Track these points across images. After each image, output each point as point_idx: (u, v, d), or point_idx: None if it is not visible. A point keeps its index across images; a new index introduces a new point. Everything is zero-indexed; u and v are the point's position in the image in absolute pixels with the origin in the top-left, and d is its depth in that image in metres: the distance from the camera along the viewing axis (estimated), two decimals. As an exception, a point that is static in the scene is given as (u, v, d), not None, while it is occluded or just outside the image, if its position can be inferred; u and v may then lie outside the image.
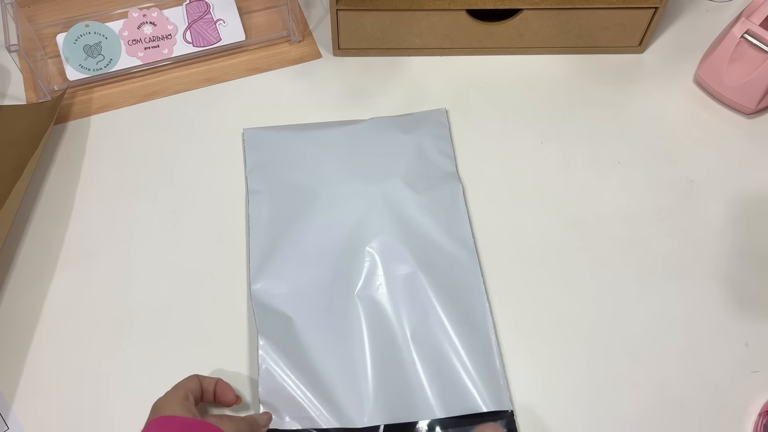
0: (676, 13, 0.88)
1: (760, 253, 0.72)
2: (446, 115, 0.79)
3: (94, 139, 0.78)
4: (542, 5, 0.78)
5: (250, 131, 0.77)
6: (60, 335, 0.67)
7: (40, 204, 0.74)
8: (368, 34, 0.81)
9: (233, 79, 0.83)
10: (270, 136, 0.77)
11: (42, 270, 0.70)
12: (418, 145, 0.76)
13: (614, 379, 0.65)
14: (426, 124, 0.78)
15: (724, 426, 0.63)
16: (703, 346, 0.67)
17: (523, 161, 0.77)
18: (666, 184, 0.76)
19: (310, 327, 0.65)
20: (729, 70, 0.78)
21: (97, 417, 0.63)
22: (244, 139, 0.77)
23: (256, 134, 0.77)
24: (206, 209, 0.74)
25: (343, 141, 0.76)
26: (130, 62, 0.82)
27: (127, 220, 0.73)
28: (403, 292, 0.67)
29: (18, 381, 0.65)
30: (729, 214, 0.74)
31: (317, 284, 0.67)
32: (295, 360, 0.63)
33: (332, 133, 0.76)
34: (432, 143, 0.76)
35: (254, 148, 0.76)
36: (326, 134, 0.76)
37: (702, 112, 0.81)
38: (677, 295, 0.69)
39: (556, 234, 0.73)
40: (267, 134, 0.77)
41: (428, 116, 0.78)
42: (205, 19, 0.84)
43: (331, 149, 0.75)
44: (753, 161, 0.78)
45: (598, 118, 0.80)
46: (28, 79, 0.82)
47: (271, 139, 0.76)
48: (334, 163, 0.74)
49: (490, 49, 0.84)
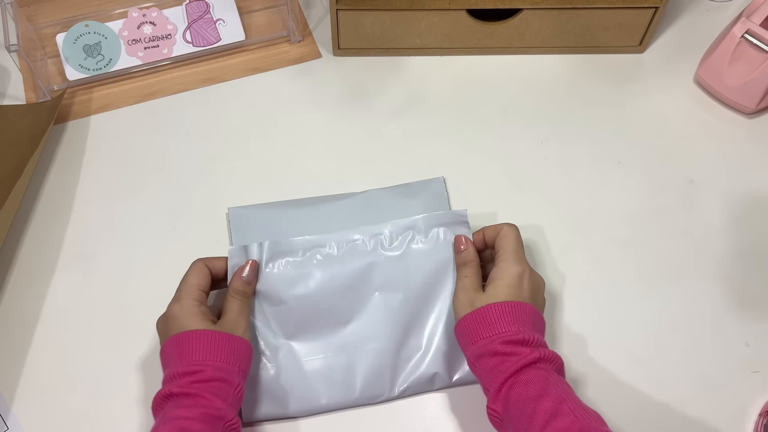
0: (676, 13, 0.88)
1: (760, 253, 0.72)
2: (444, 185, 0.74)
3: (94, 139, 0.78)
4: (542, 5, 0.78)
5: (236, 211, 0.72)
6: (60, 335, 0.67)
7: (40, 204, 0.74)
8: (368, 34, 0.81)
9: (233, 79, 0.83)
10: (256, 215, 0.72)
11: (42, 270, 0.70)
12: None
13: (614, 379, 0.65)
14: (423, 196, 0.73)
15: (724, 426, 0.63)
16: (703, 346, 0.67)
17: (523, 161, 0.77)
18: (666, 184, 0.76)
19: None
20: (729, 70, 0.78)
21: (97, 417, 0.63)
22: (230, 219, 0.72)
23: (242, 214, 0.72)
24: (206, 209, 0.74)
25: (336, 217, 0.71)
26: (130, 62, 0.82)
27: (127, 220, 0.73)
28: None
29: (18, 381, 0.65)
30: (729, 214, 0.74)
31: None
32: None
33: (324, 209, 0.72)
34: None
35: (241, 229, 0.71)
36: (317, 211, 0.72)
37: (702, 112, 0.81)
38: (677, 295, 0.69)
39: (556, 234, 0.73)
40: (253, 214, 0.72)
41: (426, 186, 0.74)
42: (205, 19, 0.84)
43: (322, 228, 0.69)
44: (753, 161, 0.78)
45: (598, 118, 0.80)
46: (27, 79, 0.82)
47: (257, 219, 0.72)
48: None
49: (490, 49, 0.84)
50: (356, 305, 0.66)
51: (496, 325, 0.57)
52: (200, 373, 0.56)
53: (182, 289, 0.62)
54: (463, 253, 0.65)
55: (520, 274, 0.60)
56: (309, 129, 0.79)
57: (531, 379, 0.55)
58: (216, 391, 0.55)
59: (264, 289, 0.65)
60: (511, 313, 0.58)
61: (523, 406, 0.54)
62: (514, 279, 0.60)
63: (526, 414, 0.53)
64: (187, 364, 0.56)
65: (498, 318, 0.58)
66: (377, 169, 0.76)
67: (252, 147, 0.78)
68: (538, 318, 0.60)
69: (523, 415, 0.53)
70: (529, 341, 0.57)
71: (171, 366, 0.57)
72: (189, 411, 0.54)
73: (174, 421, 0.53)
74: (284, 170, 0.77)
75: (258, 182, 0.75)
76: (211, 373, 0.56)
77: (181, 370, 0.56)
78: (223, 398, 0.55)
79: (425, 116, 0.80)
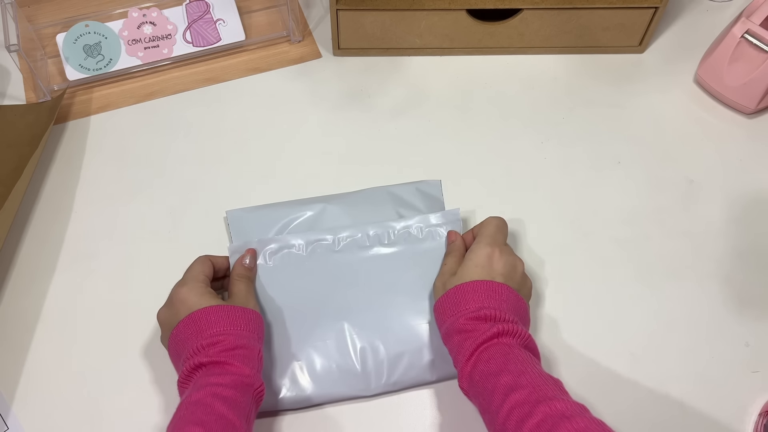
0: (676, 13, 0.88)
1: (760, 253, 0.72)
2: (440, 188, 0.74)
3: (94, 139, 0.78)
4: (542, 5, 0.78)
5: (234, 214, 0.72)
6: (60, 335, 0.67)
7: (40, 204, 0.74)
8: (368, 34, 0.81)
9: (233, 79, 0.83)
10: (254, 217, 0.71)
11: (42, 270, 0.70)
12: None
13: (614, 379, 0.65)
14: (420, 195, 0.73)
15: (724, 426, 0.63)
16: (703, 346, 0.67)
17: (523, 161, 0.77)
18: (666, 184, 0.76)
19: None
20: (729, 70, 0.78)
21: (97, 417, 0.63)
22: (228, 222, 0.72)
23: (240, 216, 0.71)
24: (206, 209, 0.74)
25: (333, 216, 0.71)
26: (130, 62, 0.82)
27: (127, 220, 0.73)
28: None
29: (18, 381, 0.65)
30: (729, 214, 0.74)
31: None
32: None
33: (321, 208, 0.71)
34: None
35: (240, 231, 0.71)
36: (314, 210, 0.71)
37: (702, 112, 0.81)
38: (677, 295, 0.70)
39: (557, 234, 0.73)
40: (251, 215, 0.71)
41: (422, 186, 0.74)
42: (205, 19, 0.84)
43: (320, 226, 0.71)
44: (753, 161, 0.78)
45: (597, 118, 0.80)
46: (27, 79, 0.82)
47: (256, 220, 0.71)
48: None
49: (490, 49, 0.84)
50: (354, 298, 0.67)
51: (461, 303, 0.59)
52: (223, 342, 0.57)
53: (187, 275, 0.63)
54: (450, 245, 0.67)
55: (489, 254, 0.62)
56: (309, 129, 0.80)
57: (492, 356, 0.56)
58: (242, 359, 0.57)
59: (264, 283, 0.67)
60: (476, 291, 0.60)
61: (485, 382, 0.55)
62: (482, 258, 0.62)
63: (488, 390, 0.54)
64: (208, 336, 0.57)
65: (463, 296, 0.60)
66: (377, 169, 0.76)
67: (252, 147, 0.78)
68: (511, 295, 0.60)
69: (485, 391, 0.55)
70: (491, 317, 0.58)
71: (189, 343, 0.58)
72: (221, 378, 0.55)
73: (207, 387, 0.54)
74: (284, 170, 0.77)
75: (258, 182, 0.76)
76: (234, 341, 0.57)
77: (204, 342, 0.57)
78: (249, 365, 0.57)
79: (425, 116, 0.80)
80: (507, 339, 0.57)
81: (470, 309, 0.58)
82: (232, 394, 0.54)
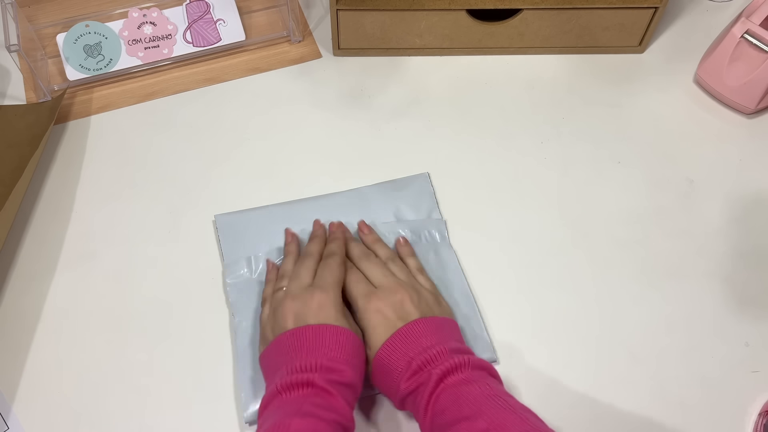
0: (676, 13, 0.88)
1: (760, 253, 0.72)
2: (429, 180, 0.75)
3: (94, 139, 0.78)
4: (542, 5, 0.78)
5: (223, 219, 0.72)
6: (60, 335, 0.67)
7: (40, 204, 0.74)
8: (368, 34, 0.81)
9: (233, 79, 0.83)
10: (243, 221, 0.72)
11: (42, 270, 0.70)
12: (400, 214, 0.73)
13: (614, 379, 0.65)
14: (409, 191, 0.74)
15: (724, 426, 0.63)
16: (703, 346, 0.67)
17: (523, 161, 0.77)
18: (666, 184, 0.76)
19: None
20: (729, 70, 0.78)
21: (97, 417, 0.63)
22: (217, 227, 0.72)
23: (228, 221, 0.72)
24: (206, 209, 0.74)
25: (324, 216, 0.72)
26: (130, 62, 0.82)
27: (127, 220, 0.73)
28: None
29: (18, 381, 0.65)
30: (729, 214, 0.74)
31: None
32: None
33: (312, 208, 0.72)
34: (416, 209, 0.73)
35: (229, 236, 0.71)
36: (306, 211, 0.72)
37: (702, 112, 0.81)
38: (677, 295, 0.69)
39: (557, 234, 0.73)
40: (240, 219, 0.72)
41: (411, 182, 0.75)
42: (205, 19, 0.84)
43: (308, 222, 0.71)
44: (753, 161, 0.78)
45: (598, 117, 0.80)
46: (28, 79, 0.82)
47: (244, 224, 0.71)
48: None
49: (490, 49, 0.84)
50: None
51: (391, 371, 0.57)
52: (344, 374, 0.55)
53: (328, 279, 0.61)
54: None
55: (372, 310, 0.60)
56: (309, 129, 0.80)
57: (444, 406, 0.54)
58: (350, 398, 0.55)
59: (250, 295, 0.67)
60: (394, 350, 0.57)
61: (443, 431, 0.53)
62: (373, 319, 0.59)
63: None
64: (328, 359, 0.55)
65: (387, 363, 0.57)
66: (377, 169, 0.76)
67: (252, 147, 0.78)
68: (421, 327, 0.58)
69: None
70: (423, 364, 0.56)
71: (304, 354, 0.56)
72: (327, 413, 0.53)
73: (312, 419, 0.52)
74: (284, 170, 0.77)
75: (258, 182, 0.75)
76: (351, 377, 0.55)
77: (324, 363, 0.55)
78: (351, 405, 0.55)
79: (425, 116, 0.80)
80: (452, 378, 0.55)
81: (400, 369, 0.56)
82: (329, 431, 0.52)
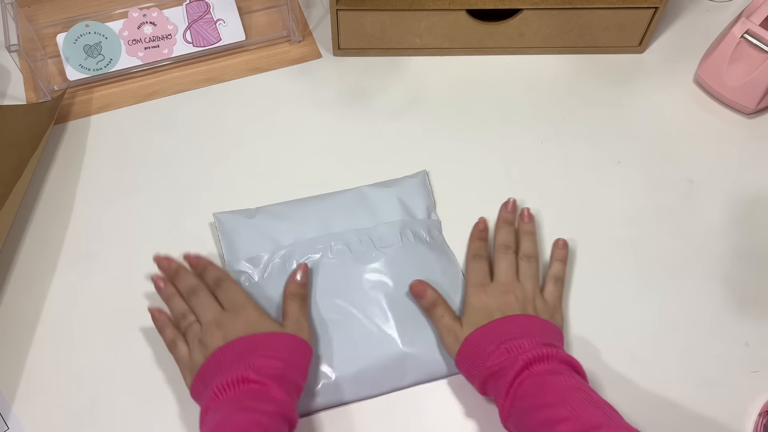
0: (676, 13, 0.88)
1: (760, 253, 0.72)
2: (427, 178, 0.75)
3: (94, 139, 0.78)
4: (542, 5, 0.78)
5: (222, 217, 0.71)
6: (60, 335, 0.67)
7: (40, 204, 0.74)
8: (368, 34, 0.81)
9: (233, 79, 0.83)
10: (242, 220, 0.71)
11: (42, 270, 0.70)
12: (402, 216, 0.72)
13: (614, 379, 0.65)
14: (408, 190, 0.74)
15: (724, 426, 0.63)
16: (703, 346, 0.67)
17: (523, 161, 0.77)
18: (666, 184, 0.76)
19: None
20: (729, 70, 0.78)
21: (97, 417, 0.63)
22: (216, 225, 0.71)
23: (228, 219, 0.71)
24: (206, 209, 0.74)
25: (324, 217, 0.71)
26: (130, 62, 0.82)
27: (127, 220, 0.73)
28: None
29: (18, 381, 0.65)
30: (729, 214, 0.74)
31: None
32: None
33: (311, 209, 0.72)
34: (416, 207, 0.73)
35: (228, 237, 0.70)
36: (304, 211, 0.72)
37: (702, 112, 0.81)
38: (677, 294, 0.70)
39: (557, 234, 0.73)
40: (239, 219, 0.71)
41: (410, 180, 0.74)
42: (205, 19, 0.84)
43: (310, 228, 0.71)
44: (753, 161, 0.78)
45: (598, 118, 0.80)
46: (28, 79, 0.82)
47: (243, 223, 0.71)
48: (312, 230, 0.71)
49: (490, 49, 0.84)
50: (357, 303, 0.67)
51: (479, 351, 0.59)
52: (274, 366, 0.57)
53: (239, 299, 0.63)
54: (425, 298, 0.66)
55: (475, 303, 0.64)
56: (309, 129, 0.80)
57: (526, 392, 0.55)
58: (288, 389, 0.57)
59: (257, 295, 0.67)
60: (491, 331, 0.60)
61: (525, 420, 0.55)
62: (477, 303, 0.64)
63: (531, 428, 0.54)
64: (262, 356, 0.58)
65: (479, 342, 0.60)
66: (377, 168, 0.76)
67: (252, 147, 0.78)
68: (522, 322, 0.61)
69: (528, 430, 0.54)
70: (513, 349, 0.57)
71: (243, 359, 0.57)
72: (264, 405, 0.54)
73: (250, 413, 0.53)
74: (285, 170, 0.77)
75: (258, 182, 0.75)
76: (283, 369, 0.57)
77: (254, 362, 0.57)
78: (292, 396, 0.57)
79: (425, 116, 0.80)
80: (538, 367, 0.56)
81: (489, 350, 0.58)
82: (272, 423, 0.53)
